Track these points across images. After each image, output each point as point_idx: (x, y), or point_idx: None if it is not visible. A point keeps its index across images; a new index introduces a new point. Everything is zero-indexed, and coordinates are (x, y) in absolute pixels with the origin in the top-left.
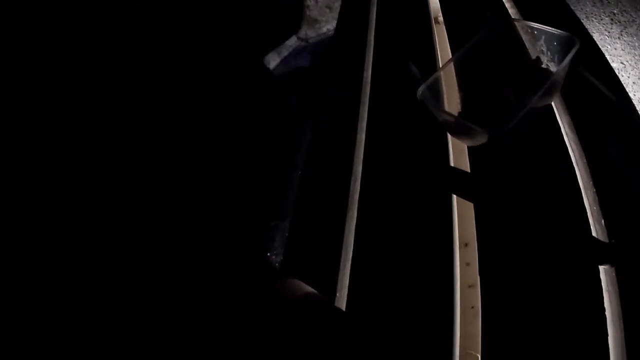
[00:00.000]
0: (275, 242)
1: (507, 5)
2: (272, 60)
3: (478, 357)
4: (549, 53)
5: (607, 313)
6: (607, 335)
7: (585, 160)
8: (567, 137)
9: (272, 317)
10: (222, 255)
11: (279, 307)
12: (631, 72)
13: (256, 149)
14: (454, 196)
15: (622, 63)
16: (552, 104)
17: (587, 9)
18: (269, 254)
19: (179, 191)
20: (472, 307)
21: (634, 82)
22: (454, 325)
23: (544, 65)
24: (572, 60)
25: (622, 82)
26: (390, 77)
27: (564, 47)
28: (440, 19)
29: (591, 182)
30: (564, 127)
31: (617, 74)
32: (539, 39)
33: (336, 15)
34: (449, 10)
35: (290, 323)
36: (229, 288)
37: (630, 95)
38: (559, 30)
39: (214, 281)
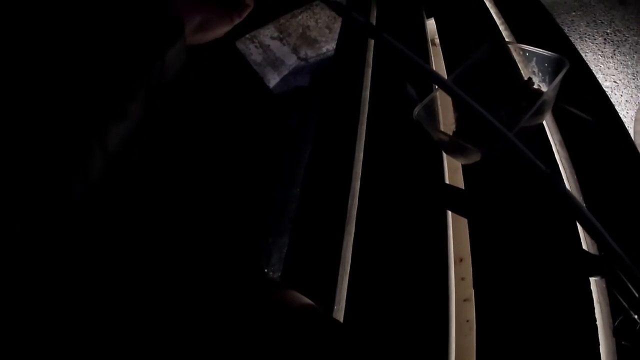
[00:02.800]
0: (272, 258)
1: (501, 28)
2: (272, 79)
3: None
4: (540, 74)
5: (598, 323)
6: (598, 344)
7: (576, 177)
8: (559, 154)
9: (269, 327)
10: (220, 267)
11: (277, 317)
12: (624, 91)
13: (254, 167)
14: (449, 212)
15: (614, 82)
16: (544, 123)
17: (581, 30)
18: (266, 270)
19: (177, 205)
20: (467, 321)
21: (626, 101)
22: (449, 339)
23: (535, 86)
24: (562, 80)
25: (615, 101)
26: (388, 97)
27: (555, 68)
28: (437, 41)
29: (582, 198)
30: (555, 145)
31: (610, 92)
32: (531, 61)
33: (335, 36)
34: (444, 33)
35: (288, 333)
36: (226, 297)
37: (623, 113)
38: (550, 52)
39: (211, 290)
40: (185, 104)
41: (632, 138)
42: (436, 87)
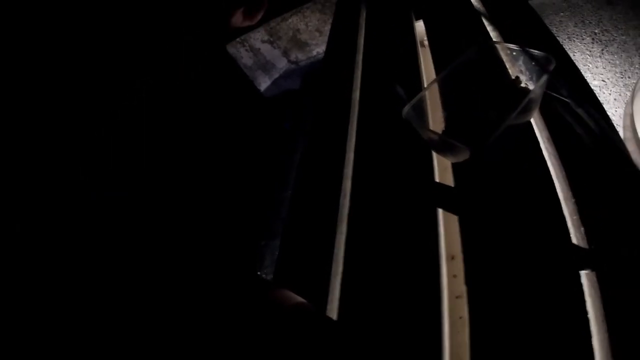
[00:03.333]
0: (265, 261)
1: (489, 29)
2: (263, 83)
3: None
4: (527, 73)
5: (590, 316)
6: (591, 337)
7: (564, 173)
8: (547, 151)
9: (263, 326)
10: (214, 270)
11: (270, 316)
12: (612, 89)
13: (246, 169)
14: (440, 211)
15: (603, 81)
16: (532, 120)
17: (569, 30)
18: (259, 273)
19: (170, 209)
20: (460, 318)
21: (615, 99)
22: (442, 336)
23: (522, 84)
24: (549, 78)
25: (604, 99)
26: (378, 98)
27: (541, 66)
28: (426, 42)
29: (570, 193)
30: (543, 142)
31: (599, 90)
32: (518, 60)
33: (326, 38)
34: (433, 34)
35: (281, 331)
36: (220, 299)
37: (612, 110)
38: (536, 51)
39: (205, 292)
40: (183, 105)
41: (620, 134)
42: (425, 86)
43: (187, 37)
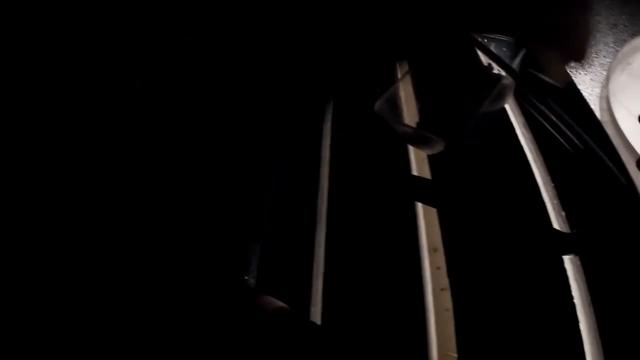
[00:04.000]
0: (252, 265)
1: (459, 17)
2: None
3: (455, 357)
4: None
5: (576, 301)
6: (578, 322)
7: (542, 158)
8: (523, 136)
9: (245, 333)
10: (199, 277)
11: (252, 323)
12: (588, 70)
13: (233, 174)
14: (419, 204)
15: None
16: (506, 106)
17: None
18: (246, 277)
19: (158, 216)
20: (447, 310)
21: (591, 79)
22: (429, 329)
23: (495, 71)
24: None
25: (581, 80)
26: (352, 94)
27: (513, 51)
28: None
29: (549, 178)
30: (519, 127)
31: (575, 71)
32: (489, 47)
33: None
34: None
35: (262, 337)
36: (202, 307)
37: (588, 91)
38: (507, 37)
39: (188, 301)
40: (183, 105)
41: (597, 115)
42: (398, 78)
43: (187, 37)
